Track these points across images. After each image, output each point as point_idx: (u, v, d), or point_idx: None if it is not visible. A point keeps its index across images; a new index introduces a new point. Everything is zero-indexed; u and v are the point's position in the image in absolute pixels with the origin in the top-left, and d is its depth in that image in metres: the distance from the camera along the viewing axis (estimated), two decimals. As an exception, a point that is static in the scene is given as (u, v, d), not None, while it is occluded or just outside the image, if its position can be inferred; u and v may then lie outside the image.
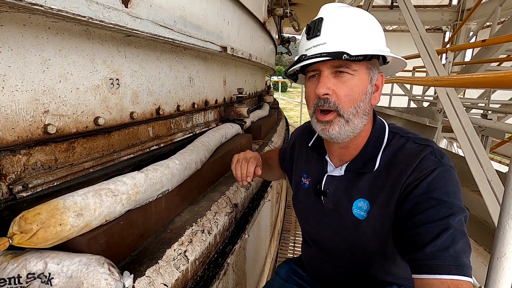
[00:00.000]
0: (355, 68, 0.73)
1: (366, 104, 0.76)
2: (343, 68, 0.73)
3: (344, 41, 0.73)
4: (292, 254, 2.78)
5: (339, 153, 0.86)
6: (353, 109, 0.75)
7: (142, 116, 1.18)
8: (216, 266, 1.02)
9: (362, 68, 0.75)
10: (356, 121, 0.76)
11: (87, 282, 0.57)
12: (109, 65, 0.98)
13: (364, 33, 0.75)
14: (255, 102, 3.48)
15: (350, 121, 0.76)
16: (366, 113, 0.77)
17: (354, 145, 0.83)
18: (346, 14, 0.76)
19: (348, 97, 0.74)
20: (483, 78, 1.06)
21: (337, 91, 0.74)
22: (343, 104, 0.74)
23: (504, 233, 0.82)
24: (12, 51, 0.69)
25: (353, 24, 0.75)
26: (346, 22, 0.75)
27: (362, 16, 0.77)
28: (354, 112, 0.75)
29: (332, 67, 0.74)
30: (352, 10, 0.78)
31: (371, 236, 0.80)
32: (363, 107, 0.76)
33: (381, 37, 0.78)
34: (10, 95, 0.70)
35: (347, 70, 0.73)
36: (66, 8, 0.66)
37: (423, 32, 3.03)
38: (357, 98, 0.74)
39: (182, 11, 1.21)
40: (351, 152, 0.84)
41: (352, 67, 0.73)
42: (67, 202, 0.64)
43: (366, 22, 0.76)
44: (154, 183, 0.86)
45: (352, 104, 0.74)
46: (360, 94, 0.74)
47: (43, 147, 0.79)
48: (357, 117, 0.76)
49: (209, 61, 1.80)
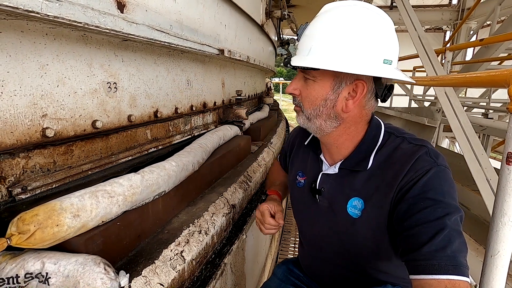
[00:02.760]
0: (315, 75, 0.78)
1: (328, 109, 0.79)
2: (306, 75, 0.80)
3: (302, 51, 0.78)
4: (292, 254, 2.78)
5: (327, 151, 0.90)
6: (312, 111, 0.81)
7: (140, 119, 1.20)
8: (214, 266, 1.03)
9: (325, 76, 0.77)
10: (317, 122, 0.82)
11: (83, 281, 0.59)
12: (107, 69, 1.00)
13: (326, 44, 0.72)
14: (254, 104, 3.50)
15: (311, 120, 0.83)
16: (332, 117, 0.80)
17: (335, 144, 0.86)
18: (324, 20, 0.75)
19: (307, 99, 0.81)
20: (476, 77, 1.07)
21: (302, 92, 0.82)
22: (304, 104, 0.82)
23: (497, 231, 0.83)
24: (10, 57, 0.71)
25: (319, 34, 0.74)
26: (315, 30, 0.76)
27: (341, 23, 0.72)
28: (314, 113, 0.81)
29: (301, 71, 0.81)
30: (337, 14, 0.74)
31: (366, 235, 0.80)
32: (325, 111, 0.80)
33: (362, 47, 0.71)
34: (8, 100, 0.71)
35: (308, 77, 0.79)
36: (62, 14, 0.68)
37: (422, 32, 3.04)
38: (316, 102, 0.80)
39: (178, 15, 1.23)
40: (338, 150, 0.86)
41: (311, 74, 0.78)
42: (64, 203, 0.65)
43: (340, 30, 0.71)
44: (151, 185, 0.87)
45: (311, 106, 0.81)
46: (318, 99, 0.79)
47: (42, 150, 0.81)
48: (318, 119, 0.81)
49: (207, 63, 1.82)
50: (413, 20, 3.17)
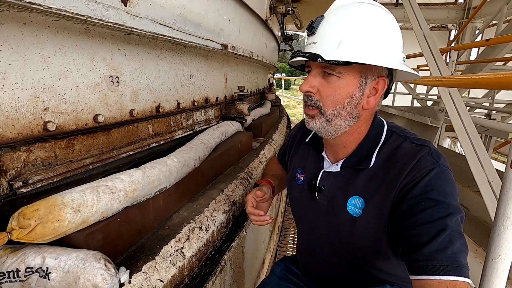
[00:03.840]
0: (341, 71, 0.73)
1: (352, 107, 0.76)
2: (329, 70, 0.74)
3: (329, 44, 0.73)
4: (291, 251, 2.79)
5: (334, 149, 0.88)
6: (335, 111, 0.76)
7: (142, 114, 1.19)
8: (213, 262, 1.03)
9: (351, 72, 0.74)
10: (338, 122, 0.77)
11: (84, 277, 0.59)
12: (109, 63, 0.99)
13: (357, 37, 0.71)
14: (256, 100, 3.48)
15: (331, 121, 0.77)
16: (352, 116, 0.78)
17: (343, 143, 0.84)
18: (348, 14, 0.73)
19: (331, 98, 0.75)
20: (482, 79, 1.05)
21: (321, 91, 0.76)
22: (325, 104, 0.76)
23: (499, 235, 0.83)
24: (12, 49, 0.70)
25: (347, 27, 0.72)
26: (341, 23, 0.73)
27: (367, 18, 0.72)
28: (336, 113, 0.76)
29: (321, 67, 0.75)
30: (360, 9, 0.74)
31: (365, 234, 0.80)
32: (349, 110, 0.76)
33: (387, 43, 0.73)
34: (10, 93, 0.71)
35: (332, 72, 0.74)
36: (65, 7, 0.66)
37: (427, 30, 3.01)
38: (341, 101, 0.75)
39: (182, 9, 1.22)
40: (344, 149, 0.85)
41: (337, 69, 0.73)
42: (65, 198, 0.65)
43: (368, 25, 0.72)
44: (152, 181, 0.87)
45: (335, 106, 0.76)
46: (344, 97, 0.75)
47: (43, 144, 0.81)
48: (339, 119, 0.77)
49: (210, 58, 1.81)
50: (419, 18, 3.13)
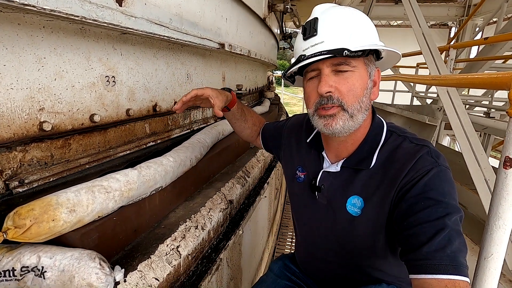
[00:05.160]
0: (354, 64, 0.75)
1: (368, 98, 0.78)
2: (343, 65, 0.74)
3: (342, 38, 0.74)
4: (289, 249, 2.81)
5: (337, 149, 0.87)
6: (357, 105, 0.76)
7: (138, 113, 1.20)
8: (209, 261, 1.04)
9: (361, 64, 0.76)
10: (359, 116, 0.77)
11: (78, 276, 0.59)
12: (105, 63, 0.99)
13: (359, 29, 0.76)
14: (255, 98, 3.48)
15: (354, 116, 0.76)
16: (367, 108, 0.79)
17: (352, 141, 0.84)
18: (339, 13, 0.78)
19: (352, 92, 0.75)
20: (477, 79, 1.06)
21: (340, 88, 0.75)
22: (347, 100, 0.75)
23: (492, 234, 0.84)
24: (7, 50, 0.70)
25: (348, 22, 0.76)
26: (341, 20, 0.76)
27: (355, 14, 0.79)
28: (358, 107, 0.76)
29: (332, 65, 0.75)
30: (344, 9, 0.80)
31: (364, 233, 0.81)
32: (366, 102, 0.78)
33: (374, 32, 0.80)
34: (5, 93, 0.71)
35: (346, 67, 0.74)
36: (59, 8, 0.67)
37: (426, 29, 3.00)
38: (360, 94, 0.76)
39: (178, 9, 1.22)
40: (348, 148, 0.85)
41: (352, 63, 0.74)
42: (60, 198, 0.66)
43: (359, 19, 0.78)
44: (147, 180, 0.87)
45: (356, 100, 0.75)
46: (361, 89, 0.76)
47: (39, 144, 0.81)
48: (360, 112, 0.77)
49: (208, 57, 1.81)
50: (418, 16, 3.12)
